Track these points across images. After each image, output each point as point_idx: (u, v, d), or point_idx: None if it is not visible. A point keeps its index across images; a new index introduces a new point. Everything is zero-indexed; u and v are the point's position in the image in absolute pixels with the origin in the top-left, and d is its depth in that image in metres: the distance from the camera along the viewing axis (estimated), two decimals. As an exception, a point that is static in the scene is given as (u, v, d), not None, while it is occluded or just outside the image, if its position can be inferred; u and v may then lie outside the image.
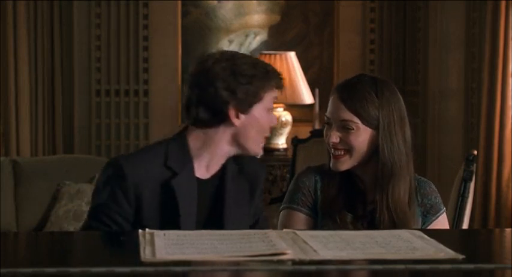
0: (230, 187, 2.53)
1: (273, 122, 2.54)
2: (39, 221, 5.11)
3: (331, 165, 2.56)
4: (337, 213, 2.54)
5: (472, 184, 3.73)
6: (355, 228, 2.53)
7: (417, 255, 1.94)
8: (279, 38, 5.90)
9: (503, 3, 5.19)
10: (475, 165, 3.72)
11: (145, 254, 1.89)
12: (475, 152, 3.85)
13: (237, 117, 2.46)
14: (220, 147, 2.49)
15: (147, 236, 2.04)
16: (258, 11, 5.88)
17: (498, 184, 5.27)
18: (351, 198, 2.57)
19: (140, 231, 2.08)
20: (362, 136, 2.52)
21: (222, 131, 2.48)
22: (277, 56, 5.54)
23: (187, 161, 2.47)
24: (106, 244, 2.19)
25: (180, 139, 2.50)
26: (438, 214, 2.61)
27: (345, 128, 2.53)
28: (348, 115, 2.53)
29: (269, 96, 2.51)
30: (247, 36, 5.88)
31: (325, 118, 2.61)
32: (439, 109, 5.70)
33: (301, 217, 2.60)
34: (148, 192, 2.41)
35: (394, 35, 5.84)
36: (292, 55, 5.59)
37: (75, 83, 5.63)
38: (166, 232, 2.09)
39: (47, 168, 5.22)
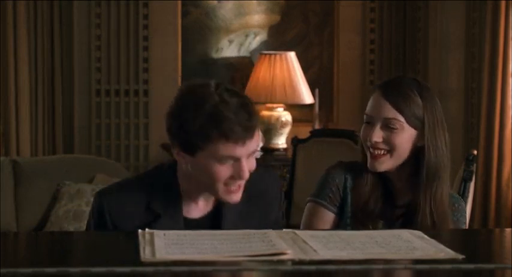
0: (229, 224, 2.34)
1: (236, 176, 2.23)
2: (39, 221, 5.11)
3: (368, 165, 2.48)
4: (370, 221, 2.48)
5: (472, 184, 3.73)
6: None
7: (417, 255, 1.94)
8: (279, 38, 5.90)
9: (503, 3, 5.19)
10: (475, 165, 3.72)
11: (145, 254, 1.89)
12: (475, 152, 3.85)
13: (182, 156, 2.25)
14: (195, 182, 2.30)
15: (147, 236, 2.04)
16: (258, 11, 5.88)
17: (498, 184, 5.27)
18: (381, 201, 2.51)
19: (140, 231, 2.08)
20: (405, 136, 2.45)
21: (183, 167, 2.29)
22: (277, 56, 5.54)
23: (174, 200, 2.32)
24: (106, 244, 2.19)
25: (170, 173, 2.34)
26: None
27: (389, 126, 2.44)
28: (392, 113, 2.44)
29: (214, 148, 2.19)
30: (247, 36, 5.88)
31: (365, 116, 2.49)
32: (439, 109, 5.70)
33: (326, 214, 2.54)
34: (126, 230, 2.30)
35: (394, 35, 5.84)
36: (292, 55, 5.59)
37: (75, 83, 5.63)
38: (166, 232, 2.09)
39: (47, 168, 5.22)
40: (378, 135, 2.45)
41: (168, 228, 2.23)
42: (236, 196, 2.29)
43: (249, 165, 2.28)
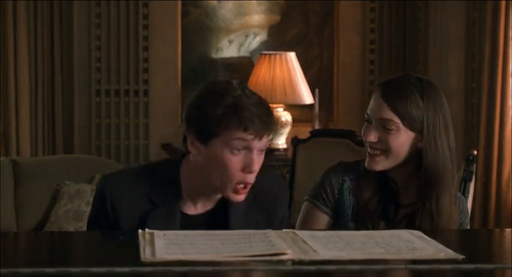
0: (235, 223, 2.36)
1: (245, 168, 2.27)
2: (39, 221, 5.11)
3: (366, 163, 2.46)
4: (369, 221, 2.45)
5: (472, 184, 3.73)
6: None
7: (417, 255, 1.94)
8: (279, 38, 5.90)
9: (503, 3, 5.19)
10: (475, 165, 3.72)
11: (145, 254, 1.89)
12: (475, 152, 3.85)
13: (196, 146, 2.30)
14: (195, 181, 2.34)
15: (147, 236, 2.04)
16: (258, 11, 5.88)
17: (498, 184, 5.27)
18: (383, 201, 2.48)
19: (140, 231, 2.08)
20: (401, 138, 2.41)
21: (192, 161, 2.34)
22: (277, 56, 5.54)
23: (174, 195, 2.36)
24: (106, 244, 2.19)
25: (174, 168, 2.39)
26: None
27: (385, 127, 2.42)
28: (388, 114, 2.41)
29: (228, 135, 2.25)
30: (247, 36, 5.88)
31: (366, 115, 2.47)
32: (439, 109, 5.70)
33: (319, 215, 2.54)
34: (125, 217, 2.35)
35: (394, 35, 5.84)
36: (292, 55, 5.59)
37: (75, 83, 5.63)
38: (166, 232, 2.09)
39: (47, 168, 5.22)
40: (373, 135, 2.43)
41: (164, 220, 2.31)
42: (241, 196, 2.32)
43: (258, 161, 2.30)
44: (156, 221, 2.32)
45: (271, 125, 2.29)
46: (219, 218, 2.39)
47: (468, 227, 2.57)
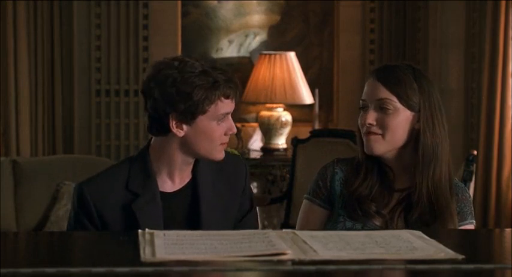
0: (205, 194, 2.50)
1: (228, 132, 2.46)
2: (39, 221, 5.11)
3: (365, 148, 2.45)
4: (357, 204, 2.45)
5: (472, 184, 3.73)
6: (381, 217, 2.44)
7: (417, 255, 1.94)
8: (279, 38, 5.90)
9: (503, 3, 5.20)
10: (475, 165, 3.73)
11: (145, 254, 1.89)
12: (475, 152, 3.86)
13: (180, 128, 2.41)
14: (174, 157, 2.46)
15: (147, 236, 2.04)
16: (258, 11, 5.88)
17: (498, 184, 5.27)
18: (377, 187, 2.47)
19: (140, 231, 2.08)
20: (400, 117, 2.42)
21: (171, 141, 2.44)
22: (277, 56, 5.54)
23: (149, 179, 2.45)
24: (106, 244, 2.19)
25: (142, 155, 2.49)
26: (462, 223, 2.52)
27: (383, 108, 2.42)
28: (385, 93, 2.42)
29: (215, 108, 2.41)
30: (247, 36, 5.88)
31: (360, 102, 2.47)
32: (439, 109, 5.70)
33: (316, 209, 2.55)
34: (110, 214, 2.43)
35: (394, 35, 5.84)
36: (292, 55, 5.59)
37: (75, 83, 5.63)
38: (166, 232, 2.09)
39: (47, 168, 5.22)
40: (371, 117, 2.43)
41: (145, 207, 2.42)
42: (223, 153, 2.49)
43: None
44: (139, 210, 2.41)
45: (238, 82, 2.47)
46: (193, 191, 2.50)
47: (472, 219, 2.57)
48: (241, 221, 2.57)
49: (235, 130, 2.49)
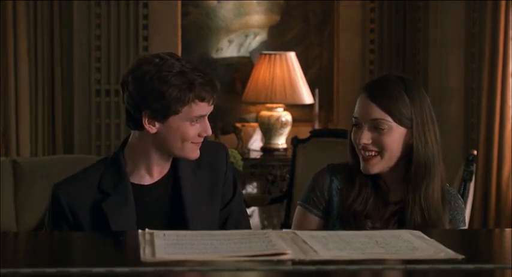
0: (186, 181, 2.50)
1: (202, 133, 2.45)
2: (39, 221, 5.10)
3: (361, 168, 2.46)
4: (354, 221, 2.46)
5: (472, 184, 3.73)
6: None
7: (417, 255, 1.94)
8: (279, 38, 5.90)
9: (503, 3, 5.20)
10: (475, 165, 3.72)
11: (145, 254, 1.89)
12: (475, 152, 3.85)
13: (152, 124, 2.41)
14: (150, 153, 2.47)
15: (147, 236, 2.04)
16: (258, 11, 5.88)
17: (498, 184, 5.28)
18: (371, 200, 2.48)
19: (140, 231, 2.08)
20: (394, 136, 2.43)
21: (145, 137, 2.45)
22: (277, 56, 5.54)
23: (121, 179, 2.46)
24: (106, 244, 2.19)
25: (116, 155, 2.50)
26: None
27: (377, 128, 2.43)
28: (379, 114, 2.43)
29: (188, 110, 2.39)
30: (247, 36, 5.88)
31: (353, 119, 2.50)
32: (439, 109, 5.70)
33: (311, 217, 2.55)
34: (82, 214, 2.44)
35: (394, 35, 5.84)
36: (292, 55, 5.59)
37: (75, 83, 5.63)
38: (166, 232, 2.09)
39: (47, 168, 5.22)
40: (366, 137, 2.44)
41: (117, 204, 2.42)
42: (197, 153, 2.47)
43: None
44: (109, 209, 2.42)
45: (217, 85, 2.44)
46: (174, 180, 2.51)
47: (464, 226, 2.57)
48: (226, 207, 2.57)
49: (209, 132, 2.46)
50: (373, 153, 2.44)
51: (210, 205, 2.52)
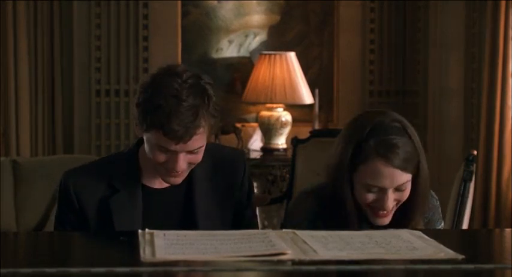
0: (201, 191, 2.46)
1: (169, 169, 2.33)
2: (39, 221, 5.10)
3: (372, 221, 2.41)
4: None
5: (472, 184, 3.73)
6: None
7: (417, 255, 1.94)
8: (279, 38, 5.90)
9: (503, 3, 5.19)
10: (475, 165, 3.72)
11: (145, 254, 1.89)
12: (475, 152, 3.85)
13: (139, 129, 2.39)
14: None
15: (147, 236, 2.04)
16: (258, 11, 5.88)
17: (498, 184, 5.27)
18: (356, 223, 2.44)
19: (140, 231, 2.08)
20: (409, 186, 2.41)
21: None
22: (277, 56, 5.53)
23: (133, 176, 2.44)
24: (106, 244, 2.19)
25: (131, 152, 2.48)
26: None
27: (400, 189, 2.39)
28: (406, 177, 2.37)
29: (153, 137, 2.31)
30: (247, 36, 5.88)
31: (369, 186, 2.37)
32: (439, 109, 5.70)
33: None
34: (88, 206, 2.42)
35: (394, 35, 5.84)
36: (292, 55, 5.59)
37: (75, 83, 5.63)
38: (166, 232, 2.09)
39: (47, 168, 5.21)
40: (392, 202, 2.39)
41: (124, 202, 2.39)
42: (176, 180, 2.38)
43: (192, 159, 2.35)
44: (116, 205, 2.40)
45: (194, 129, 2.27)
46: (186, 186, 2.46)
47: (440, 224, 2.57)
48: (237, 216, 2.53)
49: (178, 168, 2.32)
50: (391, 210, 2.41)
51: (223, 213, 2.49)
